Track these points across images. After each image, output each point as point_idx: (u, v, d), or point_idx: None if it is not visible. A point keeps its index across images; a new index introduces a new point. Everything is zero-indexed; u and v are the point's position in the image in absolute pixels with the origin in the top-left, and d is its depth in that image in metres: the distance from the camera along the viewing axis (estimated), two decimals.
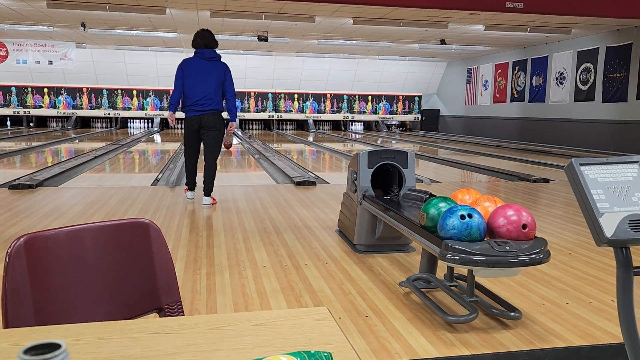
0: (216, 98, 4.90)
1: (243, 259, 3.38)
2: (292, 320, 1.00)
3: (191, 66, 4.92)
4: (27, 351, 0.62)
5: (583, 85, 13.12)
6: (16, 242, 1.19)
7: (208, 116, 4.87)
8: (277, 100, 20.06)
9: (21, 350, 0.62)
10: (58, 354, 0.62)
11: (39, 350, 0.63)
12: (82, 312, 1.29)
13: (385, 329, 2.32)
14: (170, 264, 1.43)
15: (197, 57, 4.96)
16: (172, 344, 0.89)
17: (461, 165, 9.27)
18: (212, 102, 4.87)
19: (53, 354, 0.62)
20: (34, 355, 0.62)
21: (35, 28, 13.18)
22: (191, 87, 4.86)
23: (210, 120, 4.89)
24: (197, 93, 4.85)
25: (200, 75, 4.87)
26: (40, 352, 0.62)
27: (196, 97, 4.84)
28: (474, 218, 2.22)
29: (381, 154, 3.61)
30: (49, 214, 4.60)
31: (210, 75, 4.88)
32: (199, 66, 4.90)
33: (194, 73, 4.88)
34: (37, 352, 0.62)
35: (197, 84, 4.85)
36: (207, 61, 4.92)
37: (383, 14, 10.52)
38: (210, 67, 4.91)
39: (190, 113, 4.90)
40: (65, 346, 0.63)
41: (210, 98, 4.86)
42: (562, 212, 5.11)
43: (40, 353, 0.62)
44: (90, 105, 19.00)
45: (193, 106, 4.86)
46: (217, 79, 4.90)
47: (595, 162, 1.43)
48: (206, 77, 4.87)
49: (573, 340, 2.23)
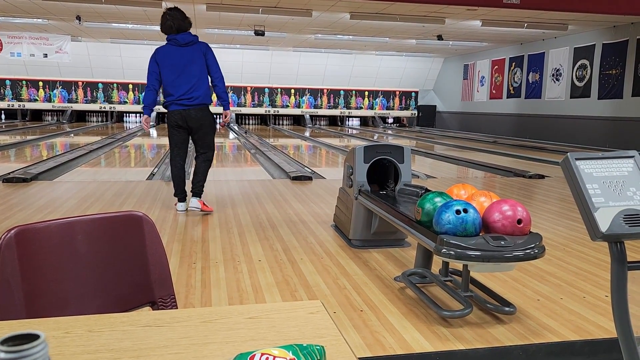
0: (202, 89, 4.25)
1: (238, 254, 3.37)
2: (285, 314, 1.00)
3: (167, 56, 4.24)
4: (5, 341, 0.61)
5: (579, 81, 13.14)
6: (7, 234, 1.18)
7: (196, 111, 4.23)
8: (273, 95, 20.01)
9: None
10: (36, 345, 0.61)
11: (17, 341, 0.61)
12: (74, 305, 1.28)
13: (380, 324, 2.31)
14: (163, 257, 1.42)
15: (170, 44, 4.28)
16: (163, 337, 0.88)
17: (457, 161, 9.28)
18: (198, 94, 4.23)
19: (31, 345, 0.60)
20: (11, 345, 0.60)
21: (30, 20, 13.08)
22: (171, 80, 4.22)
23: (198, 116, 4.25)
24: (180, 86, 4.20)
25: (179, 65, 4.20)
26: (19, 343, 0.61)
27: (179, 91, 4.21)
28: (470, 213, 2.22)
29: (377, 149, 3.60)
30: (43, 208, 4.58)
31: (191, 63, 4.21)
32: (176, 55, 4.22)
33: (171, 64, 4.22)
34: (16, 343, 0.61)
35: (178, 76, 4.20)
36: (183, 47, 4.24)
37: (380, 9, 10.49)
38: (188, 54, 4.22)
39: (173, 107, 4.26)
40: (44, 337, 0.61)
41: (196, 90, 4.22)
42: (557, 207, 5.12)
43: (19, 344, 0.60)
44: (85, 99, 18.91)
45: (176, 100, 4.24)
46: (199, 66, 4.23)
47: (590, 156, 1.42)
48: (186, 67, 4.20)
49: (567, 335, 2.24)
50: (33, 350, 0.60)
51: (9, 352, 0.59)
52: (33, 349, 0.60)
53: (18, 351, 0.60)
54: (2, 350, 0.60)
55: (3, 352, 0.60)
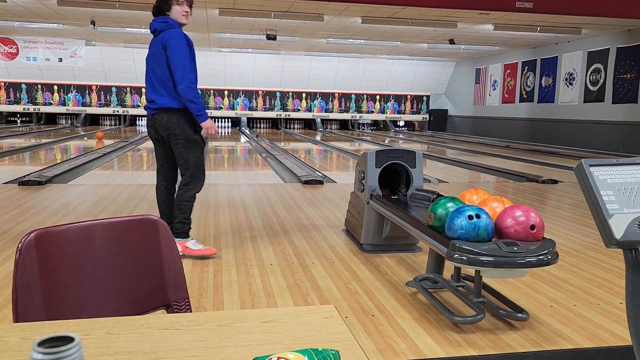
0: (164, 89, 3.26)
1: (250, 257, 3.39)
2: (300, 318, 1.01)
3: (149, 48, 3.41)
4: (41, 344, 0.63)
5: (593, 86, 13.02)
6: (26, 237, 1.21)
7: (160, 116, 3.29)
8: (285, 99, 20.07)
9: (35, 343, 0.62)
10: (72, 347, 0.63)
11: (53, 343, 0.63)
12: (91, 308, 1.30)
13: (392, 329, 2.31)
14: (178, 261, 1.44)
15: None
16: (180, 339, 0.90)
17: (469, 166, 9.23)
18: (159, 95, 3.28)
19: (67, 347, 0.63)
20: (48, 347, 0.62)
21: (45, 25, 13.27)
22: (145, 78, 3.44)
23: (163, 122, 3.29)
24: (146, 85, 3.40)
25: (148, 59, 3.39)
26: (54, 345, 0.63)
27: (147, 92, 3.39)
28: (482, 218, 2.21)
29: (389, 154, 3.61)
30: (58, 211, 4.63)
31: (153, 57, 3.33)
32: (151, 47, 3.38)
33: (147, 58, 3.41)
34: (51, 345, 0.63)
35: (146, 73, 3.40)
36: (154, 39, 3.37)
37: (392, 13, 10.50)
38: (152, 46, 3.35)
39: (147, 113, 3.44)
40: (79, 339, 0.63)
41: (157, 90, 3.30)
42: (570, 213, 5.08)
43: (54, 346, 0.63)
44: (99, 103, 19.11)
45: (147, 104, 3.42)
46: (159, 61, 3.27)
47: (604, 163, 1.42)
48: (150, 61, 3.36)
49: (580, 342, 2.22)
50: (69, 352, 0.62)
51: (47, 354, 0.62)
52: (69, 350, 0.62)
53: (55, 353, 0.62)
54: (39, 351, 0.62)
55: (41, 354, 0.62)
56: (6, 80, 18.29)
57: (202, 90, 19.08)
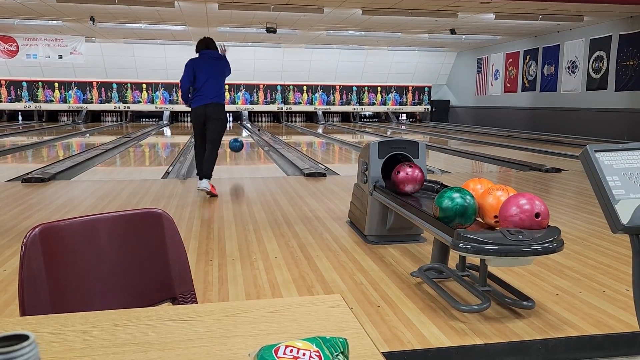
0: (222, 90, 5.36)
1: (254, 250, 3.39)
2: (306, 308, 1.00)
3: (201, 64, 5.34)
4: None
5: (595, 73, 12.95)
6: (31, 232, 1.21)
7: (213, 106, 5.23)
8: (286, 92, 20.03)
9: None
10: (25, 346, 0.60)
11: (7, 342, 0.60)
12: (97, 301, 1.30)
13: (398, 319, 2.32)
14: (183, 254, 1.44)
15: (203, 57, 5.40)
16: (187, 330, 0.90)
17: (471, 156, 9.21)
18: (219, 94, 5.30)
19: (20, 346, 0.60)
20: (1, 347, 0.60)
21: (45, 22, 13.25)
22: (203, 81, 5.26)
23: (215, 109, 5.23)
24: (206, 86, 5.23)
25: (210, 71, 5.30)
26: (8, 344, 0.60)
27: (205, 90, 5.23)
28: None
29: (392, 145, 3.60)
30: (62, 207, 4.64)
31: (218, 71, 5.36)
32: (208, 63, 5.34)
33: (204, 69, 5.29)
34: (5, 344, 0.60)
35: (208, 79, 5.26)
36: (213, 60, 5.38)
37: (392, 4, 10.44)
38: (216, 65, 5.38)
39: (197, 103, 5.24)
40: (33, 337, 0.60)
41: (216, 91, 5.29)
42: (574, 201, 5.06)
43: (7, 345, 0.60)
44: (100, 99, 19.10)
45: (202, 97, 5.23)
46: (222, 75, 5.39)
47: (610, 148, 1.41)
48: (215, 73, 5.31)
49: (587, 329, 2.22)
50: (21, 351, 0.60)
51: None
52: (21, 350, 0.60)
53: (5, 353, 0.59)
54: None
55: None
56: (7, 78, 18.28)
57: None
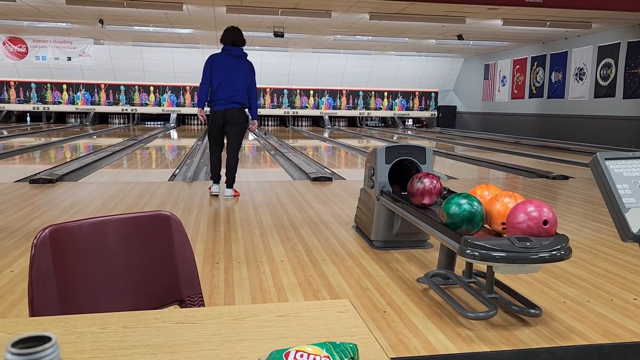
0: (242, 93, 5.10)
1: (260, 254, 3.39)
2: (314, 312, 1.00)
3: (219, 62, 5.11)
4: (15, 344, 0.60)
5: (603, 81, 12.89)
6: (41, 233, 1.21)
7: (234, 111, 5.08)
8: (292, 96, 20.06)
9: (9, 343, 0.59)
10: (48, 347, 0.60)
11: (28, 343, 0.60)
12: (105, 303, 1.30)
13: (404, 325, 2.31)
14: (191, 256, 1.44)
15: (224, 53, 5.15)
16: (196, 333, 0.90)
17: (478, 162, 9.19)
18: (238, 97, 5.08)
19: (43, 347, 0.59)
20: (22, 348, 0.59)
21: (54, 25, 13.35)
22: (218, 82, 5.06)
23: (235, 114, 5.10)
24: (225, 88, 5.05)
25: (229, 71, 5.08)
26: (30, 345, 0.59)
27: (223, 92, 5.05)
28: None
29: (399, 150, 3.59)
30: (69, 208, 4.66)
31: (238, 72, 5.11)
32: (227, 62, 5.11)
33: (221, 69, 5.07)
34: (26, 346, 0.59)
35: (225, 80, 5.05)
36: (234, 58, 5.13)
37: (400, 9, 10.45)
38: (237, 64, 5.13)
39: (216, 107, 5.09)
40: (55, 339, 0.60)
41: (237, 93, 5.07)
42: (582, 209, 5.04)
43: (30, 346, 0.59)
44: (108, 101, 19.20)
45: (219, 101, 5.06)
46: (243, 76, 5.12)
47: (620, 156, 1.40)
48: (234, 74, 5.08)
49: (594, 338, 2.20)
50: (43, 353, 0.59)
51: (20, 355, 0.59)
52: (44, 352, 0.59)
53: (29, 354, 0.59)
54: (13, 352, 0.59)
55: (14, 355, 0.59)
56: (16, 80, 18.42)
57: None
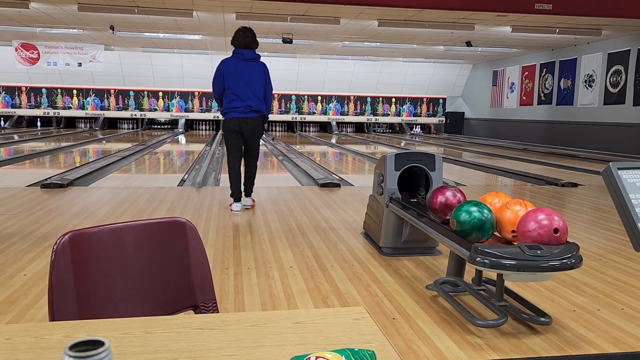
0: (258, 100, 4.74)
1: (269, 260, 3.41)
2: (331, 319, 1.02)
3: (230, 68, 4.73)
4: (72, 347, 0.65)
5: (613, 88, 12.84)
6: (62, 239, 1.24)
7: (252, 120, 4.72)
8: (300, 102, 20.13)
9: (67, 347, 0.64)
10: (102, 351, 0.64)
11: (83, 347, 0.65)
12: (122, 308, 1.33)
13: (413, 332, 2.31)
14: (205, 263, 1.46)
15: (235, 57, 4.77)
16: (216, 339, 0.92)
17: (486, 169, 9.17)
18: (254, 104, 4.72)
19: (98, 351, 0.64)
20: (78, 351, 0.64)
21: (66, 31, 13.50)
22: (232, 89, 4.70)
23: (253, 124, 4.75)
24: (239, 95, 4.69)
25: (242, 76, 4.70)
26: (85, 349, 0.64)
27: (239, 100, 4.69)
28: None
29: (408, 157, 3.61)
30: (80, 213, 4.71)
31: (252, 76, 4.72)
32: (239, 67, 4.72)
33: (234, 75, 4.70)
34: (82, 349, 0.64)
35: (239, 86, 4.69)
36: (246, 62, 4.75)
37: (409, 16, 10.48)
38: (250, 69, 4.74)
39: (231, 115, 4.72)
40: (108, 344, 0.65)
41: (253, 100, 4.71)
42: (591, 217, 5.02)
43: (85, 350, 0.64)
44: (117, 107, 19.36)
45: (235, 109, 4.70)
46: (258, 81, 4.75)
47: (633, 166, 1.41)
48: (248, 79, 4.70)
49: (605, 347, 2.20)
50: (100, 356, 0.64)
51: (79, 358, 0.63)
52: (100, 355, 0.64)
53: (87, 357, 0.63)
54: (71, 355, 0.63)
55: (73, 358, 0.63)
56: (27, 85, 18.63)
57: None
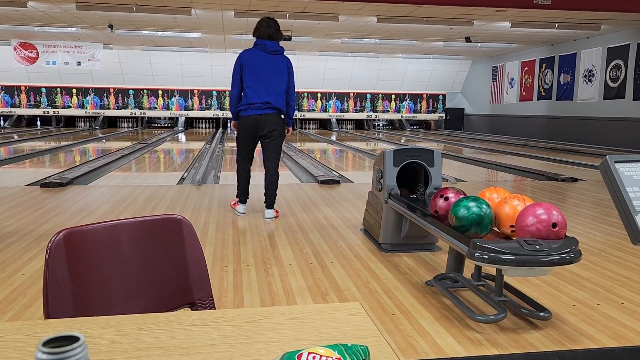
0: (279, 96, 4.25)
1: (269, 257, 3.41)
2: (326, 315, 1.01)
3: (251, 60, 4.23)
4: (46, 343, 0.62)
5: (613, 82, 12.82)
6: (56, 236, 1.23)
7: (270, 117, 4.23)
8: (300, 99, 20.11)
9: (40, 342, 0.62)
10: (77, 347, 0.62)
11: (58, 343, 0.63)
12: (118, 305, 1.32)
13: (413, 328, 2.31)
14: (202, 260, 1.46)
15: (257, 48, 4.27)
16: (209, 335, 0.91)
17: (486, 164, 9.16)
18: (274, 101, 4.24)
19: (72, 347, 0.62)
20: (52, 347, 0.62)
21: (64, 30, 13.48)
22: (251, 83, 4.21)
23: (272, 122, 4.25)
24: (259, 90, 4.20)
25: (263, 70, 4.22)
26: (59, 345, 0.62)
27: (257, 95, 4.21)
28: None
29: (407, 153, 3.60)
30: (79, 212, 4.71)
31: (274, 70, 4.24)
32: (261, 59, 4.23)
33: (255, 67, 4.21)
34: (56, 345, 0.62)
35: (259, 80, 4.20)
36: (269, 54, 4.26)
37: (407, 12, 10.46)
38: (273, 62, 4.24)
39: (247, 112, 4.24)
40: (83, 339, 0.63)
41: (273, 96, 4.23)
42: (591, 212, 5.01)
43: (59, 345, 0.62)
44: (117, 105, 19.35)
45: (252, 105, 4.22)
46: (281, 75, 4.25)
47: (630, 159, 1.40)
48: (269, 73, 4.22)
49: (605, 342, 2.19)
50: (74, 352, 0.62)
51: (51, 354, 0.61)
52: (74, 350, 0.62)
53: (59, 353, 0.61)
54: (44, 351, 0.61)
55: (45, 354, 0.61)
56: (26, 84, 18.62)
57: (218, 91, 19.22)
